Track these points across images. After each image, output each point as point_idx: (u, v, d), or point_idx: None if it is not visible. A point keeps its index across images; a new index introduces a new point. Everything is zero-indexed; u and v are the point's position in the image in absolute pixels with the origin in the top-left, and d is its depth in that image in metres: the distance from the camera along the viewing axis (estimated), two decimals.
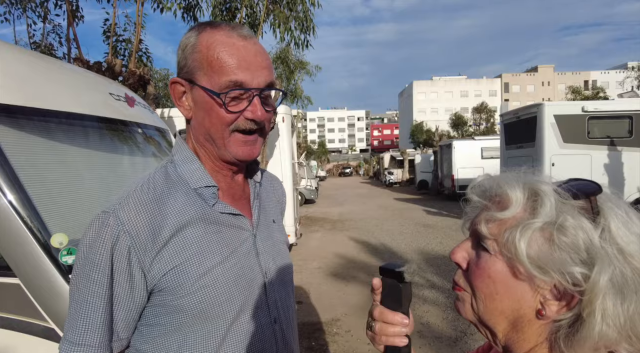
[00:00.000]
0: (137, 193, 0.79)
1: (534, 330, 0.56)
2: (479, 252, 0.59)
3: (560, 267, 0.50)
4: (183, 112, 0.85)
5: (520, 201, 0.55)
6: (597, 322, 0.49)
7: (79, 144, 2.07)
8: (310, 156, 42.03)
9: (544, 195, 0.54)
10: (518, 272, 0.54)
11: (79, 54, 4.48)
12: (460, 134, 40.09)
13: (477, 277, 0.59)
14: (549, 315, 0.53)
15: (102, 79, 2.83)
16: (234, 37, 0.80)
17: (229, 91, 0.78)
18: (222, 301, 0.79)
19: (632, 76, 26.11)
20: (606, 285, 0.49)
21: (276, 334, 0.88)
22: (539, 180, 0.57)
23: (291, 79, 14.94)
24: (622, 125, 9.08)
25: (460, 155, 16.16)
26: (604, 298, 0.49)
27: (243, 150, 0.83)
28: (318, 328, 4.12)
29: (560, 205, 0.53)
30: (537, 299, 0.54)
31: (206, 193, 0.84)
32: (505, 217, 0.56)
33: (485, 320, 0.60)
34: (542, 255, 0.51)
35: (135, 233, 0.74)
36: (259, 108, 0.81)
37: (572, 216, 0.52)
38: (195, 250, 0.78)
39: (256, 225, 0.91)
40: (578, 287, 0.50)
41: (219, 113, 0.80)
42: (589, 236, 0.50)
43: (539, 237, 0.52)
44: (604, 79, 61.95)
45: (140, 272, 0.75)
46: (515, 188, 0.56)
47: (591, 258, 0.50)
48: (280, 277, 0.94)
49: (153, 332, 0.79)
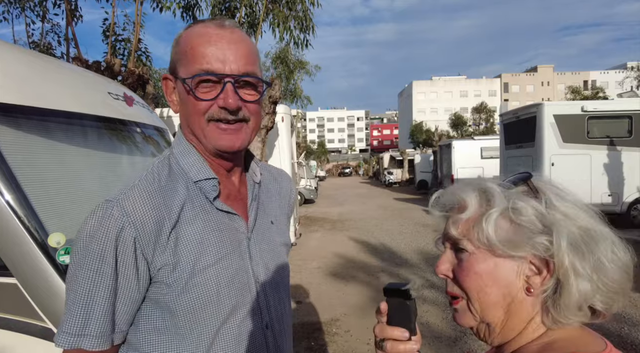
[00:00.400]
0: (143, 184, 0.78)
1: (526, 309, 0.62)
2: (459, 255, 0.65)
3: (527, 240, 0.58)
4: (172, 107, 0.86)
5: (475, 200, 0.64)
6: (573, 279, 0.57)
7: (77, 143, 2.06)
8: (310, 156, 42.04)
9: (492, 190, 0.63)
10: (500, 256, 0.61)
11: (78, 54, 4.48)
12: (460, 133, 40.10)
13: (464, 277, 0.63)
14: (536, 288, 0.60)
15: (100, 78, 2.82)
16: (210, 27, 0.80)
17: (195, 76, 0.77)
18: (211, 302, 0.78)
19: (632, 76, 26.11)
20: (567, 245, 0.57)
21: (267, 340, 0.87)
22: (484, 181, 0.66)
23: (291, 79, 14.94)
24: (622, 125, 9.08)
25: (460, 155, 16.15)
26: (570, 257, 0.57)
27: (223, 139, 0.80)
28: (317, 328, 4.11)
29: (507, 193, 0.62)
30: (521, 279, 0.61)
31: (207, 187, 0.83)
32: (468, 216, 0.63)
33: (485, 317, 0.64)
34: (510, 235, 0.59)
35: (141, 225, 0.73)
36: (231, 95, 0.78)
37: (519, 199, 0.61)
38: (193, 246, 0.78)
39: (251, 228, 0.89)
40: (548, 252, 0.58)
41: (190, 101, 0.79)
42: (537, 210, 0.60)
43: (502, 222, 0.60)
44: (604, 79, 61.98)
45: (145, 264, 0.75)
46: (467, 191, 0.65)
47: (547, 227, 0.58)
48: (274, 281, 0.92)
49: (145, 326, 0.79)
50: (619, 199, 9.00)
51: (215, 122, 0.80)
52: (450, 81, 71.44)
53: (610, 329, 3.91)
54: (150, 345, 0.78)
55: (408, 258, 7.03)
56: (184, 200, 0.79)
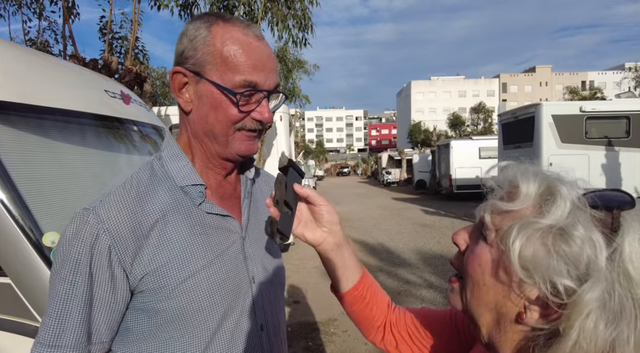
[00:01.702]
0: (119, 191, 0.76)
1: (514, 333, 0.54)
2: (478, 239, 0.58)
3: (548, 275, 0.47)
4: (182, 103, 0.81)
5: (531, 196, 0.52)
6: (572, 338, 0.46)
7: (73, 141, 2.04)
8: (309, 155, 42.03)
9: (560, 196, 0.49)
10: (505, 268, 0.52)
11: (75, 51, 4.45)
12: (458, 133, 40.16)
13: (470, 262, 0.58)
14: (529, 321, 0.51)
15: (97, 76, 2.80)
16: (251, 36, 0.78)
17: (245, 91, 0.76)
18: (204, 307, 0.76)
19: (630, 77, 26.21)
20: (592, 304, 0.45)
21: (262, 341, 0.85)
22: (560, 179, 0.53)
23: (289, 78, 14.93)
24: (620, 126, 9.10)
25: (458, 155, 16.18)
26: (586, 317, 0.45)
27: (246, 146, 0.82)
28: (315, 328, 4.10)
29: (575, 211, 0.48)
30: (521, 302, 0.52)
31: (193, 192, 0.81)
32: (510, 209, 0.53)
33: (471, 310, 0.58)
34: (535, 258, 0.48)
35: (116, 232, 0.72)
36: (267, 110, 0.80)
37: (583, 226, 0.47)
38: (178, 252, 0.75)
39: (245, 227, 0.88)
40: (558, 299, 0.47)
41: (228, 111, 0.78)
42: (595, 252, 0.46)
43: (539, 239, 0.49)
44: (602, 80, 62.17)
45: (122, 272, 0.72)
46: (529, 182, 0.53)
47: (587, 275, 0.46)
48: (269, 281, 0.90)
49: (130, 335, 0.76)
50: None
51: (242, 131, 0.80)
52: (449, 81, 71.55)
53: None
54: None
55: (406, 258, 7.03)
56: (165, 205, 0.78)
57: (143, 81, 5.42)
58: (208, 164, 0.85)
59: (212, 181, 0.85)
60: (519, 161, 0.59)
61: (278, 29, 5.61)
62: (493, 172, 0.61)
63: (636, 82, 25.73)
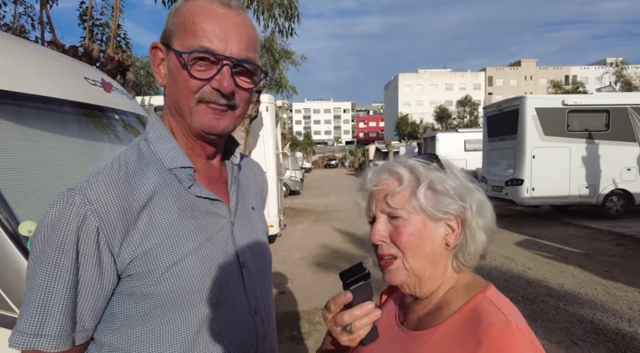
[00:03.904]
0: (107, 171, 0.73)
1: (444, 260, 0.79)
2: (394, 222, 0.77)
3: (448, 205, 0.76)
4: (159, 79, 0.81)
5: (408, 176, 0.77)
6: (477, 233, 0.77)
7: (52, 129, 1.98)
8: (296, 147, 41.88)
9: (418, 167, 0.78)
10: (429, 220, 0.76)
11: (53, 38, 4.31)
12: (445, 126, 40.50)
13: (402, 239, 0.76)
14: (451, 242, 0.77)
15: (76, 63, 2.72)
16: (216, 3, 0.76)
17: (193, 52, 0.73)
18: (194, 291, 0.74)
19: (610, 72, 26.75)
20: (475, 208, 0.76)
21: (257, 326, 0.84)
22: (409, 159, 0.80)
23: (276, 68, 14.78)
24: (600, 119, 9.31)
25: (444, 147, 16.32)
26: (475, 217, 0.76)
27: (208, 120, 0.77)
28: (300, 318, 4.13)
29: (427, 169, 0.78)
30: (441, 237, 0.77)
31: (182, 175, 0.79)
32: (403, 190, 0.77)
33: (417, 271, 0.77)
34: (435, 202, 0.76)
35: (105, 213, 0.69)
36: (227, 78, 0.75)
37: (435, 174, 0.77)
38: (168, 235, 0.73)
39: (234, 212, 0.86)
40: (462, 214, 0.76)
41: (183, 77, 0.75)
42: (454, 183, 0.77)
43: (429, 192, 0.76)
44: (584, 75, 63.28)
45: (110, 256, 0.70)
46: (400, 169, 0.78)
47: (459, 196, 0.76)
48: (259, 267, 0.89)
49: (117, 322, 0.74)
50: (596, 191, 9.26)
51: (205, 104, 0.77)
52: (436, 74, 71.87)
53: (583, 315, 4.05)
54: (126, 340, 0.73)
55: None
56: (154, 187, 0.76)
57: (126, 70, 5.30)
58: (188, 145, 0.82)
59: (198, 165, 0.83)
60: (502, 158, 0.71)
61: (264, 18, 5.54)
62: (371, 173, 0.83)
63: (616, 76, 26.29)
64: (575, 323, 3.87)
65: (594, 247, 6.92)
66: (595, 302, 4.41)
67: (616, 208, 9.34)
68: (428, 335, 0.76)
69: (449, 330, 0.73)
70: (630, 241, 7.24)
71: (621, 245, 7.01)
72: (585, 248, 6.78)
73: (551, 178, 9.04)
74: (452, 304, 0.77)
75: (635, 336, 3.60)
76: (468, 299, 0.76)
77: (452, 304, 0.77)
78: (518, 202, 9.44)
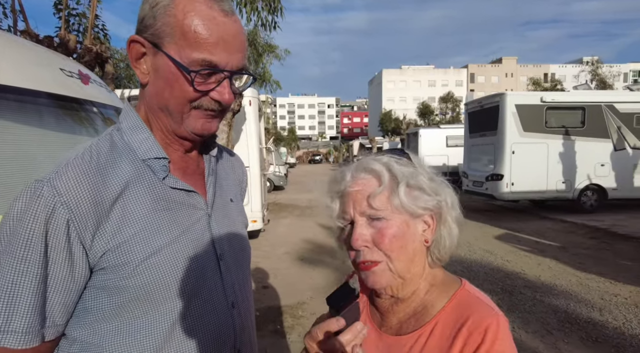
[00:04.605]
0: (78, 162, 0.71)
1: (423, 257, 0.79)
2: (376, 224, 0.74)
3: (426, 201, 0.75)
4: (139, 75, 0.77)
5: (387, 173, 0.75)
6: (452, 227, 0.78)
7: (25, 121, 1.92)
8: (280, 142, 41.68)
9: (393, 164, 0.76)
10: (410, 218, 0.75)
11: (27, 27, 4.16)
12: (427, 122, 40.97)
13: (386, 241, 0.73)
14: (429, 239, 0.77)
15: (51, 54, 2.63)
16: (216, 10, 0.72)
17: (201, 70, 0.71)
18: (169, 284, 0.73)
19: (587, 70, 27.54)
20: (449, 203, 0.77)
21: (234, 319, 0.83)
22: (382, 157, 0.79)
23: (259, 62, 14.64)
24: (576, 116, 9.58)
25: (426, 143, 16.52)
26: (450, 211, 0.77)
27: (202, 124, 0.77)
28: (283, 312, 4.14)
29: (400, 166, 0.76)
30: (421, 234, 0.77)
31: (156, 166, 0.77)
32: (383, 189, 0.74)
33: (402, 273, 0.75)
34: (415, 199, 0.75)
35: (75, 205, 0.67)
36: (228, 91, 0.75)
37: (409, 170, 0.76)
38: (142, 227, 0.72)
39: (211, 203, 0.85)
40: (439, 209, 0.76)
41: (183, 88, 0.73)
42: (422, 177, 0.76)
43: (408, 190, 0.74)
44: (562, 73, 64.86)
45: (81, 249, 0.68)
46: (378, 165, 0.76)
47: (433, 189, 0.76)
48: (237, 260, 0.88)
49: (89, 316, 0.72)
50: (572, 186, 9.55)
51: (198, 110, 0.76)
52: (419, 70, 72.47)
53: (558, 305, 4.19)
54: (99, 335, 0.71)
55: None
56: (127, 178, 0.74)
57: (104, 62, 5.15)
58: (165, 140, 0.81)
59: (173, 156, 0.82)
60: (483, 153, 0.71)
61: (246, 11, 5.47)
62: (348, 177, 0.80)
63: (592, 75, 27.08)
64: (550, 314, 4.00)
65: (569, 240, 7.15)
66: (570, 293, 4.56)
67: (590, 202, 9.66)
68: (415, 338, 0.74)
69: (438, 329, 0.72)
70: (603, 234, 7.51)
71: (594, 238, 7.26)
72: (561, 242, 7.00)
73: (530, 174, 9.28)
74: (436, 303, 0.76)
75: (605, 324, 3.75)
76: (450, 296, 0.76)
77: (436, 303, 0.76)
78: (498, 197, 9.66)
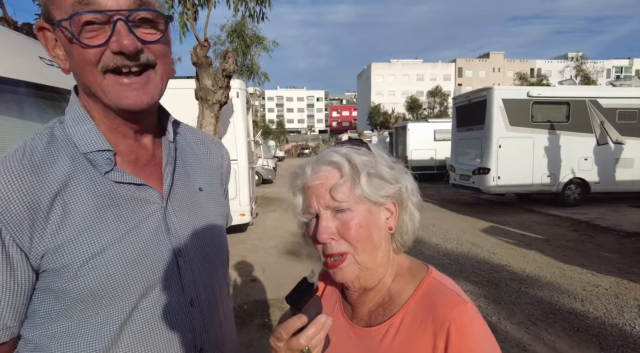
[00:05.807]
0: (8, 162, 0.66)
1: (387, 244, 0.79)
2: (341, 216, 0.74)
3: (388, 189, 0.76)
4: (60, 64, 0.70)
5: (347, 166, 0.75)
6: (414, 213, 0.79)
7: (4, 111, 1.85)
8: (269, 136, 41.43)
9: (353, 155, 0.76)
10: (374, 207, 0.75)
11: (4, 14, 4.02)
12: (415, 116, 41.17)
13: (352, 233, 0.73)
14: (393, 225, 0.78)
15: (31, 42, 2.54)
16: None
17: (72, 16, 0.62)
18: (119, 284, 0.69)
19: (571, 66, 28.00)
20: (410, 189, 0.78)
21: (193, 318, 0.78)
22: (341, 148, 0.79)
23: (247, 54, 14.47)
24: (561, 111, 9.73)
25: (414, 137, 16.61)
26: (411, 197, 0.78)
27: (128, 96, 0.67)
28: (271, 305, 4.14)
29: (360, 156, 0.77)
30: (385, 222, 0.77)
31: (98, 159, 0.72)
32: (346, 180, 0.74)
33: (368, 263, 0.76)
34: (377, 188, 0.75)
35: (5, 209, 0.63)
36: (126, 36, 0.64)
37: (368, 159, 0.77)
38: (83, 227, 0.68)
39: (167, 195, 0.79)
40: (400, 196, 0.77)
41: (76, 50, 0.64)
42: (381, 165, 0.77)
43: (370, 179, 0.75)
44: (548, 68, 65.78)
45: (19, 252, 0.65)
46: (338, 157, 0.76)
47: (393, 177, 0.77)
48: (202, 254, 0.82)
49: (37, 318, 0.70)
50: (556, 180, 9.72)
51: (114, 74, 0.66)
52: (408, 64, 72.66)
53: (542, 297, 4.28)
54: (48, 337, 0.69)
55: None
56: (66, 175, 0.69)
57: None
58: (111, 126, 0.74)
59: (123, 147, 0.76)
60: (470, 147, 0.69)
61: (234, 1, 5.37)
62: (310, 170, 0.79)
63: (577, 70, 27.55)
64: (534, 305, 4.08)
65: (553, 232, 7.29)
66: (553, 284, 4.66)
67: (574, 196, 9.86)
68: (385, 329, 0.74)
69: (407, 319, 0.73)
70: (586, 227, 7.68)
71: (577, 230, 7.42)
72: (545, 234, 7.13)
73: (516, 168, 9.41)
74: (403, 292, 0.77)
75: (587, 314, 3.84)
76: (417, 284, 0.76)
77: (403, 292, 0.77)
78: (484, 190, 9.78)
